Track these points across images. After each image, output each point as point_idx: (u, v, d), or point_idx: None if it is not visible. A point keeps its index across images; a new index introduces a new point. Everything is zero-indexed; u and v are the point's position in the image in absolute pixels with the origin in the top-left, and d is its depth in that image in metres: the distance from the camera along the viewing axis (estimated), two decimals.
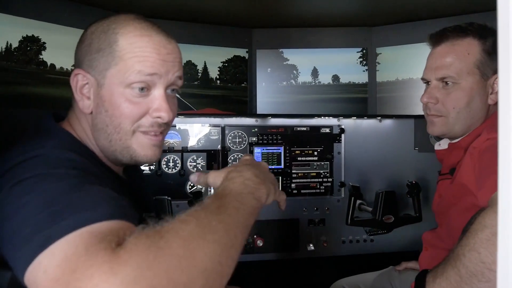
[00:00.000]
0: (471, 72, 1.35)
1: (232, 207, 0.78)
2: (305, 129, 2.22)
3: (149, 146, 0.99)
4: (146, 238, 0.64)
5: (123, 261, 0.59)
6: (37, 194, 0.71)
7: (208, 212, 0.73)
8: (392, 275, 1.78)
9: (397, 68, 2.84)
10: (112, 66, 0.94)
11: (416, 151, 2.26)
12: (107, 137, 0.97)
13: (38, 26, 2.02)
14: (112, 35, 0.95)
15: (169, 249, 0.63)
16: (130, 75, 0.93)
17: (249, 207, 0.82)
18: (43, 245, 0.63)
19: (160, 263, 0.61)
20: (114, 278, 0.58)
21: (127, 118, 0.95)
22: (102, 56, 0.95)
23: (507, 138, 0.42)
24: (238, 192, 0.84)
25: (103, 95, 0.95)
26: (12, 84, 1.95)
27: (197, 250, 0.65)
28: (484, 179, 1.14)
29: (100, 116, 0.96)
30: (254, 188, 0.87)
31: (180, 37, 2.72)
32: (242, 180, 0.88)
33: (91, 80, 0.97)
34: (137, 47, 0.94)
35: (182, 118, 2.11)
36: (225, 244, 0.70)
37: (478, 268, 0.93)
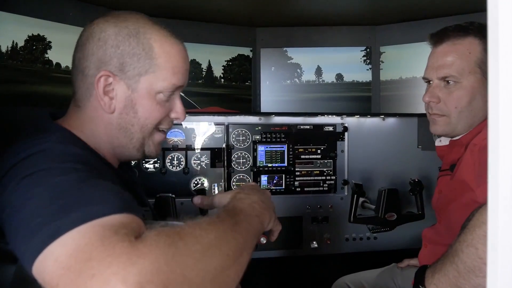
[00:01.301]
0: (472, 71, 1.35)
1: (244, 227, 0.84)
2: (308, 127, 2.23)
3: (159, 143, 1.09)
4: (166, 237, 0.67)
5: (142, 253, 0.62)
6: (46, 187, 0.72)
7: (226, 226, 0.79)
8: (394, 272, 1.79)
9: (400, 67, 2.84)
10: (149, 73, 0.99)
11: (419, 149, 2.27)
12: (130, 135, 1.03)
13: (43, 25, 2.04)
14: (145, 40, 0.98)
15: (187, 251, 0.67)
16: (165, 84, 1.01)
17: (255, 229, 0.90)
18: (54, 235, 0.65)
19: (178, 261, 0.64)
20: (132, 268, 0.60)
21: (155, 119, 1.03)
22: (137, 61, 0.98)
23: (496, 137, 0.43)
24: (247, 213, 0.90)
25: (134, 98, 1.00)
26: (18, 83, 1.98)
27: (212, 258, 0.69)
28: (484, 176, 1.14)
29: (127, 117, 1.01)
30: (260, 212, 0.94)
31: (184, 36, 2.71)
32: (250, 202, 0.94)
33: (119, 82, 0.98)
34: (172, 56, 1.01)
35: (186, 117, 2.12)
36: (235, 259, 0.75)
37: (476, 263, 0.94)
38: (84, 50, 0.99)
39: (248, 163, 2.17)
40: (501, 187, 0.43)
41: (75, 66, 1.02)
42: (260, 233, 0.95)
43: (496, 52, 0.43)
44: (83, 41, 1.00)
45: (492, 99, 0.44)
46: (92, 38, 0.99)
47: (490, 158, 0.44)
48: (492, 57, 0.43)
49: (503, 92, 0.42)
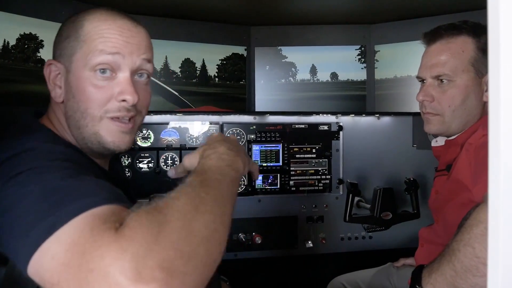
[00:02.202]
0: (466, 69, 1.35)
1: (214, 179, 0.82)
2: (303, 127, 2.22)
3: (117, 132, 0.98)
4: (146, 214, 0.66)
5: (129, 237, 0.61)
6: (36, 185, 0.72)
7: (194, 187, 0.77)
8: (390, 271, 1.79)
9: (395, 66, 2.84)
10: (77, 51, 0.95)
11: (414, 148, 2.27)
12: (76, 124, 0.97)
13: (35, 24, 2.02)
14: (79, 22, 0.98)
15: (169, 223, 0.65)
16: (92, 55, 0.94)
17: (229, 177, 0.86)
18: (48, 232, 0.64)
19: (165, 236, 0.63)
20: (124, 255, 0.59)
21: (93, 102, 0.95)
22: (69, 42, 0.97)
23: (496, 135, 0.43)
24: (216, 166, 0.87)
25: (70, 81, 0.96)
26: (9, 82, 1.95)
27: (193, 221, 0.68)
28: (480, 175, 1.14)
29: (69, 103, 0.97)
30: (231, 161, 0.91)
31: (178, 34, 2.73)
32: (218, 156, 0.91)
33: (61, 68, 0.98)
34: (100, 29, 0.95)
35: (180, 116, 2.11)
36: (216, 212, 0.73)
37: (473, 263, 0.94)
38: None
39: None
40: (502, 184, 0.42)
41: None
42: (238, 180, 0.91)
43: (497, 51, 0.42)
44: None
45: (492, 97, 0.43)
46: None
47: (491, 155, 0.43)
48: (493, 56, 0.43)
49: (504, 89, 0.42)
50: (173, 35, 2.65)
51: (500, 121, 0.42)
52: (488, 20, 0.43)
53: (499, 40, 0.42)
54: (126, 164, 2.05)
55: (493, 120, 0.43)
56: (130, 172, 2.05)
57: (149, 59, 1.02)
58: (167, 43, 2.60)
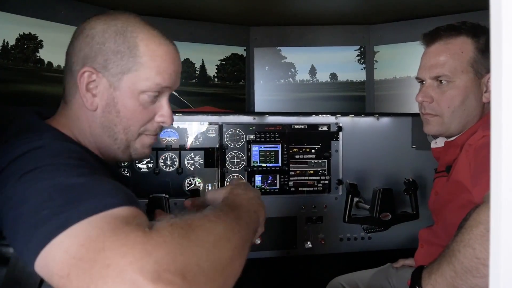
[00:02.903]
0: (465, 70, 1.35)
1: (244, 221, 0.86)
2: (302, 127, 2.22)
3: (149, 145, 1.07)
4: (180, 228, 0.68)
5: (157, 243, 0.63)
6: (51, 181, 0.71)
7: (230, 219, 0.80)
8: (389, 272, 1.79)
9: (394, 66, 2.85)
10: (131, 71, 0.97)
11: (413, 149, 2.27)
12: (113, 136, 1.00)
13: (35, 24, 2.02)
14: (131, 38, 0.97)
15: (200, 242, 0.68)
16: (148, 85, 0.98)
17: (253, 224, 0.92)
18: (63, 226, 0.64)
19: (192, 251, 0.65)
20: (148, 258, 0.60)
21: (138, 121, 1.00)
22: (120, 59, 0.96)
23: (498, 136, 0.43)
24: (247, 208, 0.92)
25: (116, 97, 0.98)
26: (9, 82, 1.95)
27: (222, 249, 0.71)
28: (479, 176, 1.14)
29: (109, 115, 0.99)
30: (257, 208, 0.96)
31: (178, 35, 2.73)
32: (248, 198, 0.96)
33: (102, 80, 0.97)
34: (157, 56, 0.98)
35: (180, 116, 2.11)
36: (239, 250, 0.76)
37: (473, 263, 0.94)
38: (73, 47, 1.00)
39: (242, 163, 2.16)
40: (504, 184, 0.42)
41: (66, 63, 1.02)
42: (256, 229, 0.96)
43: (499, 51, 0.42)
44: (74, 38, 1.01)
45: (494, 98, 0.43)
46: (82, 35, 0.99)
47: (493, 156, 0.43)
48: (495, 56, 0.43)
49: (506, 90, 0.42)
50: (172, 35, 2.60)
51: (502, 121, 0.42)
52: (490, 21, 0.43)
53: (501, 41, 0.42)
54: (125, 164, 2.04)
55: (495, 121, 0.43)
56: (130, 173, 2.05)
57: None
58: None
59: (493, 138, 0.43)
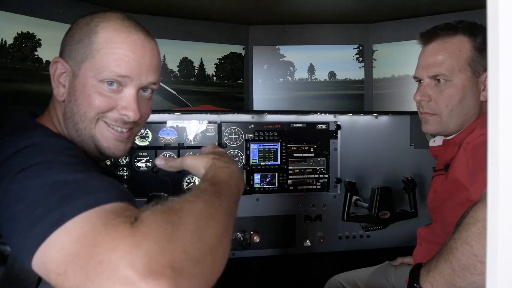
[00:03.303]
0: (462, 69, 1.36)
1: (225, 194, 0.84)
2: (301, 126, 2.23)
3: (112, 139, 1.02)
4: (162, 214, 0.67)
5: (144, 233, 0.63)
6: (45, 179, 0.72)
7: (209, 195, 0.79)
8: (388, 270, 1.80)
9: (393, 65, 2.85)
10: (88, 59, 0.97)
11: (412, 147, 2.27)
12: (74, 126, 0.99)
13: (33, 23, 2.02)
14: (93, 27, 0.98)
15: (183, 225, 0.67)
16: (103, 72, 0.96)
17: (235, 196, 0.90)
18: (57, 223, 0.64)
19: (178, 238, 0.64)
20: (137, 250, 0.60)
21: (94, 108, 0.97)
22: (81, 47, 0.97)
23: (495, 134, 0.43)
24: (227, 181, 0.90)
25: (76, 85, 0.98)
26: (7, 81, 1.95)
27: (206, 228, 0.70)
28: (477, 174, 1.15)
29: (69, 104, 0.99)
30: (237, 181, 0.94)
31: (176, 33, 2.73)
32: (229, 172, 0.95)
33: (68, 69, 0.99)
34: (114, 43, 0.96)
35: (178, 115, 2.11)
36: (224, 225, 0.75)
37: (470, 261, 0.94)
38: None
39: (241, 162, 2.16)
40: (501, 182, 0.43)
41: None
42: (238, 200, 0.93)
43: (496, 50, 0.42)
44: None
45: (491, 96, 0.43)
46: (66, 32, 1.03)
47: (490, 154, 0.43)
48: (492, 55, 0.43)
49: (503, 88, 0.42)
50: (171, 34, 2.65)
51: (499, 120, 0.42)
52: (487, 19, 0.43)
53: (498, 39, 0.42)
54: (124, 163, 2.05)
55: (492, 119, 0.43)
56: (128, 171, 2.05)
57: (156, 82, 1.05)
58: (165, 42, 2.59)
59: (490, 137, 0.43)
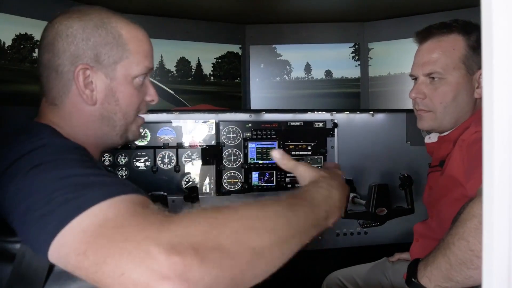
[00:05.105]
0: (456, 67, 1.38)
1: (303, 211, 0.79)
2: (298, 124, 2.24)
3: (141, 125, 1.14)
4: (201, 211, 0.67)
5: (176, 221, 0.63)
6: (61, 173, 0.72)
7: (277, 204, 0.76)
8: (385, 266, 1.81)
9: (389, 63, 2.87)
10: (123, 59, 1.01)
11: (408, 144, 2.29)
12: (113, 124, 1.05)
13: (31, 24, 2.02)
14: (112, 29, 1.00)
15: (224, 220, 0.66)
16: (137, 68, 1.03)
17: (318, 219, 0.83)
18: (80, 208, 0.64)
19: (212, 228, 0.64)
20: (165, 232, 0.61)
21: (134, 105, 1.06)
22: (110, 50, 1.00)
23: (490, 130, 0.44)
24: (316, 203, 0.84)
25: (114, 87, 1.02)
26: (5, 82, 1.95)
27: (251, 230, 0.67)
28: (473, 171, 1.17)
29: (109, 106, 1.03)
30: (332, 209, 0.88)
31: (174, 33, 2.73)
32: (327, 195, 0.88)
33: (97, 73, 1.00)
34: (140, 40, 1.05)
35: (176, 114, 2.12)
36: (280, 237, 0.71)
37: (467, 256, 0.96)
38: (54, 49, 0.99)
39: (239, 160, 2.17)
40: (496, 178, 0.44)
41: (46, 66, 1.01)
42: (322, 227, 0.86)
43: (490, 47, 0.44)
44: (49, 40, 1.00)
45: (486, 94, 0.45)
46: (60, 36, 0.99)
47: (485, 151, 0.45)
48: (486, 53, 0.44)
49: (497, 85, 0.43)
50: (168, 34, 2.66)
51: (493, 116, 0.44)
52: (481, 18, 0.44)
53: (492, 38, 0.43)
54: (123, 163, 2.06)
55: (487, 116, 0.44)
56: (127, 171, 2.06)
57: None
58: (163, 42, 2.60)
59: (485, 133, 0.45)
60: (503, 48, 0.43)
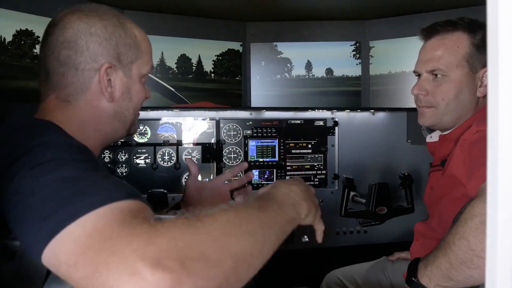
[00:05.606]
0: (460, 65, 1.38)
1: (272, 210, 0.84)
2: (299, 122, 2.24)
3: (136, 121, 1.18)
4: (184, 219, 0.68)
5: (161, 233, 0.64)
6: (58, 175, 0.73)
7: (248, 207, 0.79)
8: (385, 265, 1.81)
9: (390, 61, 2.86)
10: (137, 60, 1.07)
11: (408, 143, 2.29)
12: (124, 119, 1.09)
13: (32, 20, 2.02)
14: (129, 30, 1.06)
15: (205, 229, 0.68)
16: (148, 67, 1.10)
17: (289, 216, 0.89)
18: (71, 217, 0.65)
19: (195, 239, 0.65)
20: (151, 245, 0.62)
21: (143, 100, 1.13)
22: (129, 50, 1.05)
23: (495, 130, 0.44)
24: (281, 200, 0.90)
25: (129, 85, 1.07)
26: (6, 78, 1.95)
27: (231, 236, 0.70)
28: (474, 170, 1.16)
29: (123, 103, 1.07)
30: (297, 202, 0.94)
31: (175, 30, 2.73)
32: (287, 192, 0.94)
33: (117, 72, 1.04)
34: (147, 42, 1.11)
35: (177, 112, 2.12)
36: (258, 239, 0.74)
37: (468, 255, 0.96)
38: (76, 46, 0.99)
39: (239, 158, 2.17)
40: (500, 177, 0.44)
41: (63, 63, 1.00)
42: (295, 223, 0.93)
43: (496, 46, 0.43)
44: (69, 37, 0.99)
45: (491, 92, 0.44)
46: (83, 34, 0.99)
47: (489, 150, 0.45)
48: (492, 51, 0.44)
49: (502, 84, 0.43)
50: (169, 31, 2.65)
51: (498, 115, 0.43)
52: (487, 15, 0.44)
53: (497, 36, 0.43)
54: (123, 160, 2.05)
55: (492, 115, 0.44)
56: (127, 168, 2.06)
57: None
58: (163, 39, 2.60)
59: (489, 132, 0.44)
60: (508, 46, 0.43)
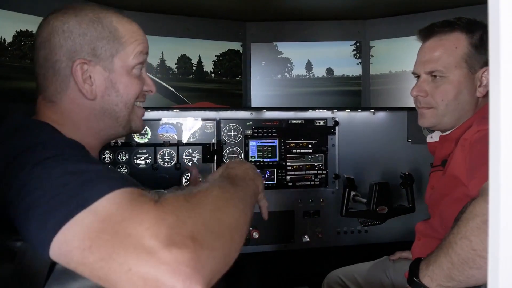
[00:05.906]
0: (458, 65, 1.37)
1: (240, 185, 0.93)
2: (299, 122, 2.24)
3: (141, 116, 1.15)
4: (182, 195, 0.74)
5: (168, 210, 0.68)
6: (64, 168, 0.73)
7: (224, 185, 0.88)
8: (386, 264, 1.81)
9: (390, 61, 2.86)
10: (119, 52, 1.03)
11: (409, 143, 2.29)
12: (115, 115, 1.06)
13: (32, 21, 2.02)
14: (108, 23, 1.02)
15: (202, 204, 0.74)
16: (135, 58, 1.05)
17: (251, 188, 0.98)
18: (82, 205, 0.66)
19: (197, 215, 0.70)
20: (162, 223, 0.65)
21: (134, 94, 1.07)
22: (107, 44, 1.01)
23: (496, 129, 0.44)
24: (242, 176, 0.99)
25: (113, 78, 1.03)
26: (6, 79, 1.95)
27: (223, 209, 0.77)
28: (475, 170, 1.16)
29: (109, 98, 1.04)
30: (253, 176, 1.04)
31: (175, 31, 2.73)
32: (243, 170, 1.03)
33: (95, 67, 1.00)
34: (133, 32, 1.06)
35: (177, 112, 2.12)
36: (241, 210, 0.82)
37: (469, 255, 0.96)
38: (50, 45, 0.99)
39: (240, 158, 2.17)
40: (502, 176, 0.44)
41: (42, 63, 1.01)
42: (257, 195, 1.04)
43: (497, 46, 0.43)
44: (45, 37, 1.00)
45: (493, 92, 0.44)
46: (56, 32, 0.99)
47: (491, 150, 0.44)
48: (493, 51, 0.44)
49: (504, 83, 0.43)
50: (169, 31, 2.65)
51: (500, 114, 0.43)
52: (488, 15, 0.44)
53: (499, 34, 0.43)
54: (123, 160, 2.05)
55: (494, 114, 0.44)
56: (128, 168, 2.06)
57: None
58: (163, 39, 2.60)
59: (491, 131, 0.44)
60: (510, 44, 0.42)
